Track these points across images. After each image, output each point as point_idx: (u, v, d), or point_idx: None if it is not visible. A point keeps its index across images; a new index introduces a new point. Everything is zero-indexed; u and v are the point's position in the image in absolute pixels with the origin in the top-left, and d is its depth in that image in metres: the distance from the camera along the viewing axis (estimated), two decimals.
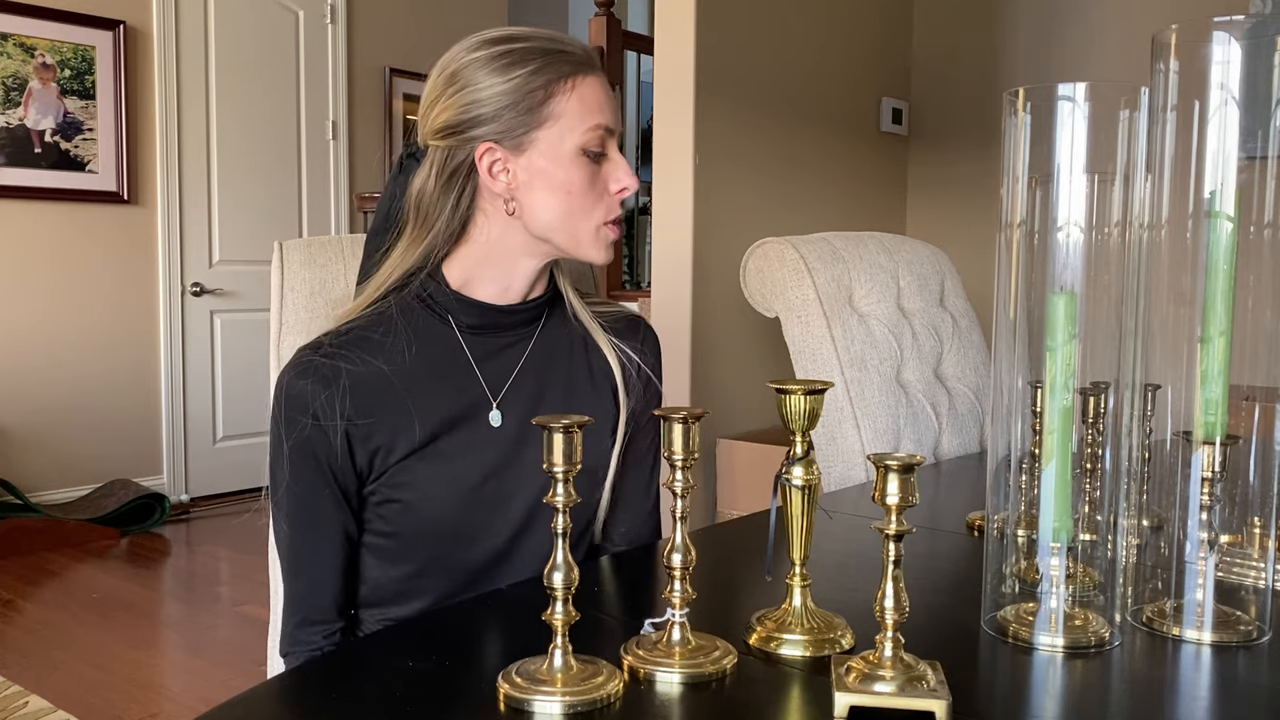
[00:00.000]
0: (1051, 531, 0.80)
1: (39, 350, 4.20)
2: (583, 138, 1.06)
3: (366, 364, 1.06)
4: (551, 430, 0.69)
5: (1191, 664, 0.80)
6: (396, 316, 1.09)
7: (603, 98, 1.09)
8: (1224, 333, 0.82)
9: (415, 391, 1.07)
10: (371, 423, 1.05)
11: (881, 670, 0.69)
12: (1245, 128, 0.81)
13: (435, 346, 1.09)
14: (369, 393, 1.05)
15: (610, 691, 0.69)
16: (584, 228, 1.08)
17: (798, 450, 0.82)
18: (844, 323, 1.71)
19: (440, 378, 1.08)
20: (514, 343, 1.13)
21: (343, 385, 1.04)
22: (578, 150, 1.06)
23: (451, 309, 1.10)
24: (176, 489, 4.56)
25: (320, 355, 1.05)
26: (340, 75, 5.04)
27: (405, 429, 1.06)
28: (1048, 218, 0.80)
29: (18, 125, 4.11)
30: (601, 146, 1.08)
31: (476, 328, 1.11)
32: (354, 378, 1.05)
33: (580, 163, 1.07)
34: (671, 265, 2.97)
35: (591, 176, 1.08)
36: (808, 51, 3.36)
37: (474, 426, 1.09)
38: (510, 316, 1.12)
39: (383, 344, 1.07)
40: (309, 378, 1.04)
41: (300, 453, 1.04)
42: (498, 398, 1.10)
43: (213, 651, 2.95)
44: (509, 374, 1.11)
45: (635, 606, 0.94)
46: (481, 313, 1.11)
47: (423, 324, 1.10)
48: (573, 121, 1.06)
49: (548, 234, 1.08)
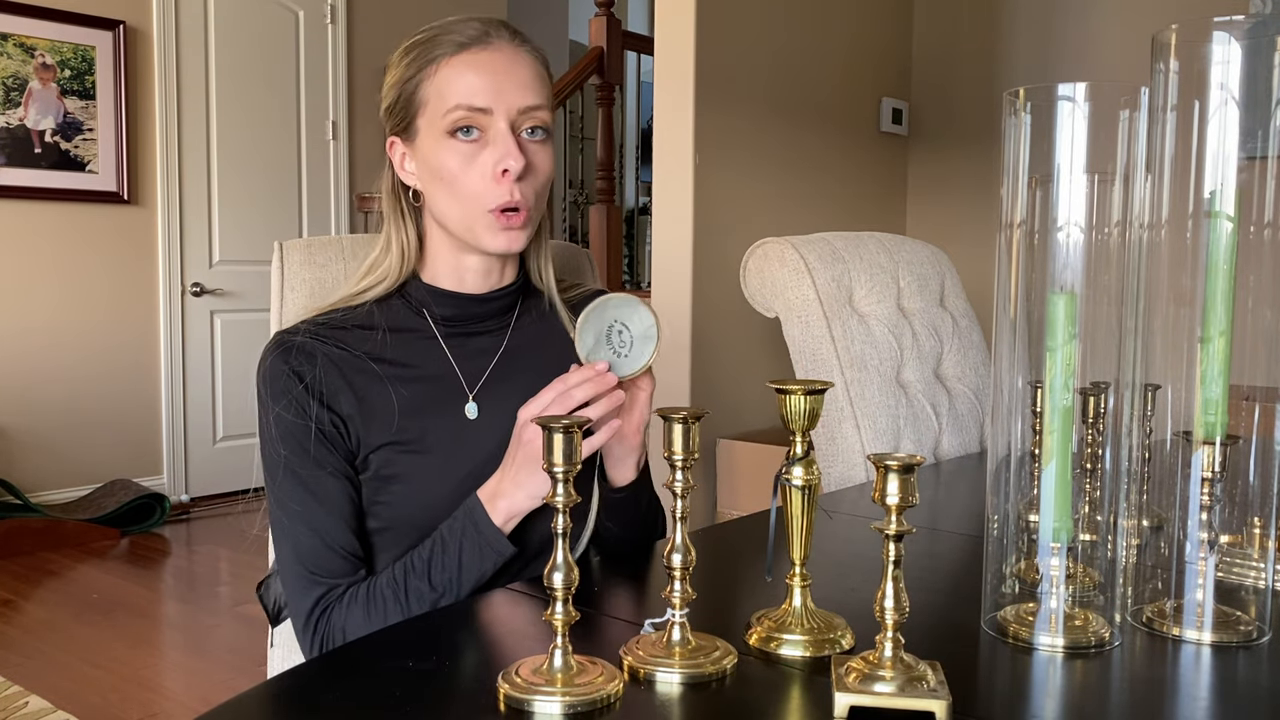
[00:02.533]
0: (1051, 531, 0.80)
1: (39, 350, 4.20)
2: (445, 120, 1.04)
3: (344, 348, 1.07)
4: (551, 430, 0.69)
5: (1191, 664, 0.79)
6: (373, 309, 1.10)
7: (470, 76, 1.04)
8: (1224, 333, 0.82)
9: (394, 384, 1.07)
10: (352, 405, 1.06)
11: (881, 670, 0.69)
12: (1245, 128, 0.81)
13: (411, 338, 1.10)
14: (347, 375, 1.06)
15: (610, 691, 0.69)
16: (472, 214, 1.05)
17: (798, 450, 0.82)
18: (844, 323, 1.71)
19: (416, 370, 1.09)
20: (489, 334, 1.13)
21: (321, 364, 1.05)
22: (445, 134, 1.04)
23: (425, 302, 1.11)
24: (176, 489, 4.56)
25: (300, 336, 1.07)
26: (340, 75, 5.04)
27: (383, 418, 1.06)
28: (1048, 218, 0.80)
29: (18, 125, 4.11)
30: (478, 128, 1.04)
31: (450, 319, 1.12)
32: (332, 359, 1.06)
33: (450, 146, 1.04)
34: (671, 265, 2.97)
35: (467, 159, 1.04)
36: (808, 52, 3.35)
37: (451, 419, 1.09)
38: (482, 305, 1.13)
39: (362, 336, 1.09)
40: (289, 355, 1.06)
41: (292, 425, 1.04)
42: (474, 390, 1.10)
43: (213, 651, 2.95)
44: (485, 367, 1.12)
45: (635, 606, 0.94)
46: (453, 303, 1.11)
47: (399, 317, 1.11)
48: (437, 105, 1.05)
49: (445, 224, 1.08)
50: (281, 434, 1.05)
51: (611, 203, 3.97)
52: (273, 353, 1.06)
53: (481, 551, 0.99)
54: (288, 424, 1.04)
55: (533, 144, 1.06)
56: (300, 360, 1.05)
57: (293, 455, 1.04)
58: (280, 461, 1.05)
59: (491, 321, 1.14)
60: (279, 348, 1.06)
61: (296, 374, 1.05)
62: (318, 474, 1.04)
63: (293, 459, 1.04)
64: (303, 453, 1.04)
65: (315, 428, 1.04)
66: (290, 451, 1.04)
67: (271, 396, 1.05)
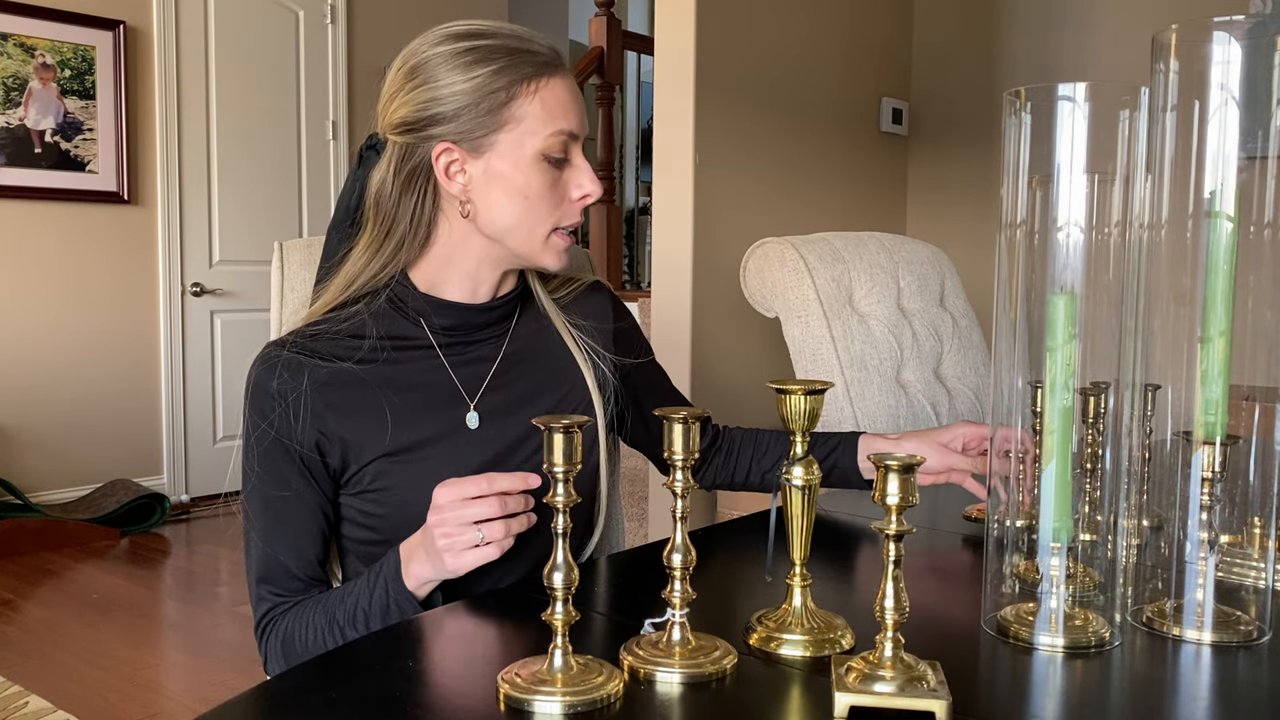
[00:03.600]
0: (1051, 531, 0.80)
1: (39, 350, 4.20)
2: (545, 142, 1.03)
3: (335, 363, 1.05)
4: (552, 430, 0.69)
5: (1191, 664, 0.79)
6: (368, 320, 1.08)
7: (568, 100, 1.05)
8: (1224, 333, 0.82)
9: (389, 394, 1.06)
10: (341, 421, 1.04)
11: (881, 670, 0.69)
12: (1245, 128, 0.81)
13: (408, 350, 1.09)
14: (337, 391, 1.05)
15: (610, 691, 0.69)
16: (538, 233, 1.06)
17: (798, 450, 0.82)
18: (844, 323, 1.71)
19: (414, 381, 1.08)
20: (487, 341, 1.12)
21: (309, 380, 1.03)
22: (539, 155, 1.04)
23: (423, 311, 1.09)
24: (176, 489, 4.56)
25: (287, 350, 1.05)
26: (340, 75, 5.04)
27: (376, 430, 1.05)
28: (1048, 218, 0.80)
29: (18, 125, 4.11)
30: (564, 152, 1.05)
31: (449, 329, 1.10)
32: (322, 374, 1.04)
33: (541, 167, 1.04)
34: (671, 265, 2.97)
35: (552, 182, 1.05)
36: (808, 51, 3.35)
37: (452, 429, 1.08)
38: (482, 315, 1.12)
39: (354, 345, 1.06)
40: (276, 370, 1.03)
41: (270, 445, 1.03)
42: (474, 399, 1.09)
43: (213, 651, 2.95)
44: (484, 375, 1.11)
45: (635, 606, 0.94)
46: (454, 313, 1.10)
47: (395, 328, 1.09)
48: (535, 125, 1.03)
49: (502, 238, 1.07)
50: (258, 451, 1.04)
51: (611, 203, 3.97)
52: (258, 368, 1.04)
53: (386, 609, 0.98)
54: (266, 443, 1.03)
55: None
56: (285, 378, 1.03)
57: (264, 473, 1.04)
58: (252, 476, 1.04)
59: (490, 329, 1.13)
60: (264, 364, 1.04)
61: (280, 394, 1.03)
62: (284, 495, 1.04)
63: (264, 476, 1.04)
64: (274, 472, 1.04)
65: (294, 449, 1.03)
66: (263, 469, 1.04)
67: (252, 411, 1.04)
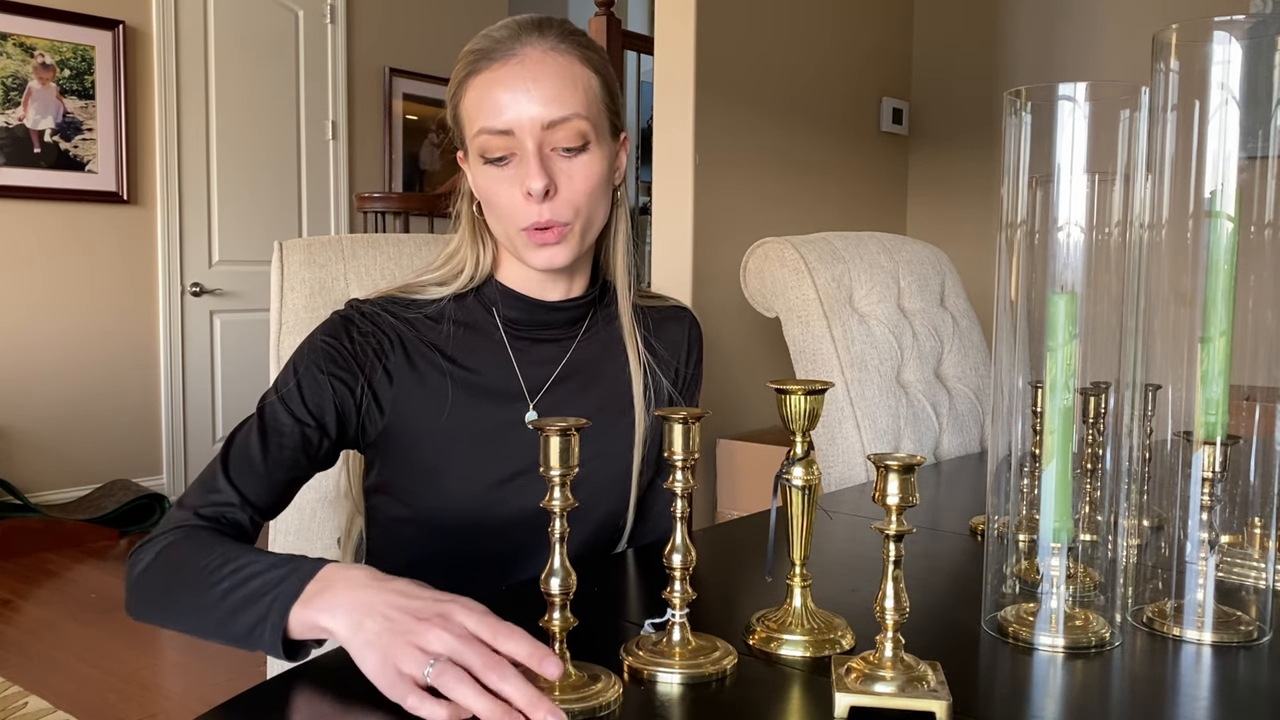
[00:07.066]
0: (1052, 532, 0.80)
1: (39, 350, 4.20)
2: (476, 145, 1.02)
3: (414, 329, 1.07)
4: (549, 433, 0.69)
5: (1192, 664, 0.79)
6: (449, 303, 1.10)
7: (497, 94, 0.99)
8: (1224, 333, 0.82)
9: (451, 374, 1.07)
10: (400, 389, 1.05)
11: (882, 670, 0.69)
12: (1245, 128, 0.81)
13: (476, 336, 1.10)
14: (408, 354, 1.06)
15: (609, 699, 0.69)
16: (512, 233, 1.04)
17: (798, 450, 0.82)
18: (844, 323, 1.71)
19: (477, 366, 1.09)
20: (554, 342, 1.12)
21: (385, 333, 1.05)
22: (478, 157, 1.03)
23: (495, 299, 1.11)
24: (176, 489, 4.55)
25: (370, 305, 1.07)
26: (340, 75, 5.04)
27: (434, 407, 1.06)
28: (1048, 218, 0.80)
29: (17, 125, 4.11)
30: (507, 150, 1.00)
31: (516, 322, 1.10)
32: (398, 334, 1.06)
33: (487, 170, 1.02)
34: (671, 265, 2.97)
35: (504, 181, 1.02)
36: (808, 51, 3.35)
37: (509, 422, 1.08)
38: (550, 313, 1.11)
39: (429, 325, 1.08)
40: (355, 320, 1.05)
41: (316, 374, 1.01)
42: (535, 398, 1.10)
43: (213, 651, 2.95)
44: (548, 375, 1.11)
45: (635, 607, 0.94)
46: (521, 306, 1.10)
47: (469, 312, 1.10)
48: (469, 127, 1.04)
49: (497, 239, 1.09)
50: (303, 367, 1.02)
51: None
52: (341, 311, 1.07)
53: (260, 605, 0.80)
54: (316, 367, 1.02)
55: (565, 159, 1.01)
56: (364, 327, 1.05)
57: (285, 397, 1.00)
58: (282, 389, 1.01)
59: (558, 330, 1.12)
60: (347, 308, 1.07)
61: (351, 336, 1.04)
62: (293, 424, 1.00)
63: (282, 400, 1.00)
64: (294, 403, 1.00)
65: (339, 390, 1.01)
66: (300, 383, 1.01)
67: (323, 334, 1.04)
